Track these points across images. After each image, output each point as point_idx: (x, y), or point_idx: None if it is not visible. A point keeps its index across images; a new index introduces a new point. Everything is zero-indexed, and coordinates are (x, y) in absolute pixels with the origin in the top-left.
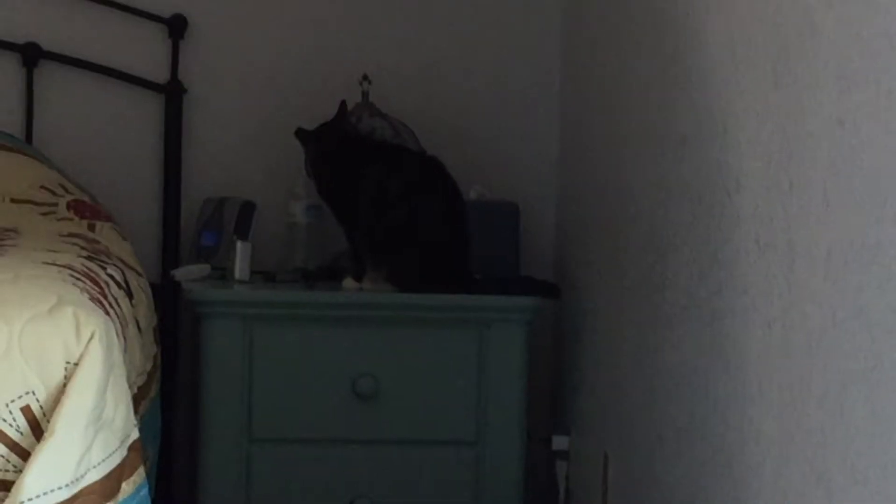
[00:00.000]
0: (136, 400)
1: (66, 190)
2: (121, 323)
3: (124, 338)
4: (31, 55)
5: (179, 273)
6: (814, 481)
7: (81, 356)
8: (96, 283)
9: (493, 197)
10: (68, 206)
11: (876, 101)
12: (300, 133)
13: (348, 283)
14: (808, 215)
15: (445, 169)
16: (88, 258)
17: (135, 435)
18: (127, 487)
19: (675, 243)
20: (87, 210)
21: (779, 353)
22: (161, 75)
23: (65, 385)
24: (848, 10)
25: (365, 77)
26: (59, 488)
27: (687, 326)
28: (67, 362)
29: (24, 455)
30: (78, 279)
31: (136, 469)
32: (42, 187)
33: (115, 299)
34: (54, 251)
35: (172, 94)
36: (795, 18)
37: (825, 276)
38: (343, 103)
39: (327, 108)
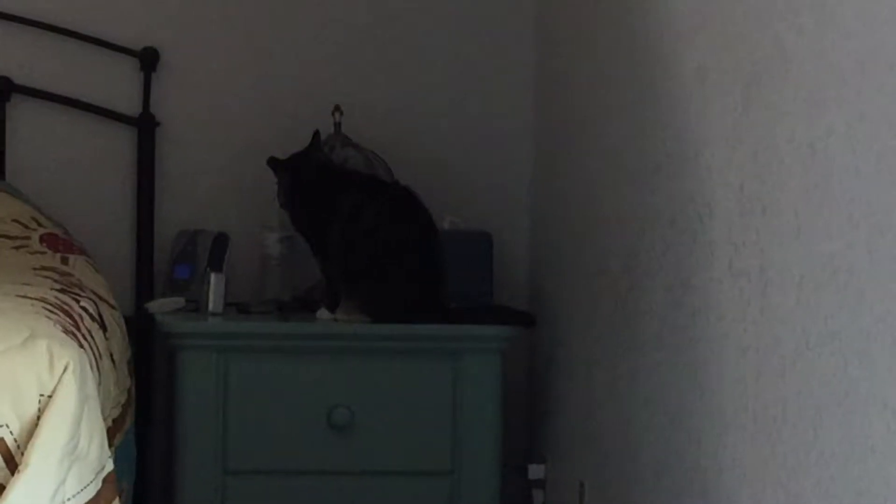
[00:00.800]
0: (111, 432)
1: (39, 223)
2: (95, 355)
3: (98, 370)
4: (2, 89)
5: (153, 306)
6: None
7: (55, 389)
8: (70, 316)
9: (466, 226)
10: (41, 240)
11: (847, 127)
12: (272, 162)
13: (322, 314)
14: (781, 241)
15: (419, 199)
16: (62, 291)
17: (109, 467)
18: None
19: (650, 271)
20: (59, 243)
21: (753, 379)
22: (133, 108)
23: (39, 418)
24: (818, 37)
25: (337, 108)
26: None
27: (662, 354)
28: (41, 395)
29: None
30: (51, 312)
31: (110, 502)
32: (14, 221)
33: (89, 332)
34: (27, 284)
35: (145, 126)
36: (766, 45)
37: (798, 302)
38: (317, 133)
39: (300, 139)
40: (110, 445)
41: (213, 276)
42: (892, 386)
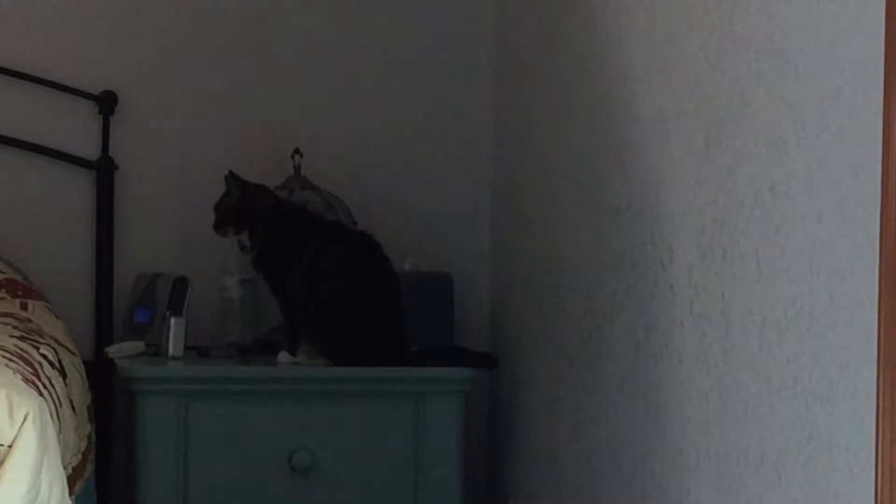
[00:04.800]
0: (71, 480)
1: None
2: (55, 403)
3: (58, 418)
4: None
5: (113, 350)
6: None
7: (15, 438)
8: (29, 364)
9: (426, 268)
10: (0, 286)
11: (807, 171)
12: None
13: (283, 357)
14: (742, 284)
15: (379, 245)
16: (21, 338)
17: None
18: None
19: (611, 313)
20: (18, 289)
21: (715, 422)
22: (92, 152)
23: None
24: (777, 81)
25: (297, 151)
26: None
27: (624, 396)
28: (1, 445)
29: None
30: (11, 360)
31: None
32: None
33: (49, 379)
34: None
35: (103, 170)
36: (726, 89)
37: (760, 345)
38: (228, 175)
39: (260, 182)
40: (71, 494)
41: (172, 320)
42: (855, 429)
